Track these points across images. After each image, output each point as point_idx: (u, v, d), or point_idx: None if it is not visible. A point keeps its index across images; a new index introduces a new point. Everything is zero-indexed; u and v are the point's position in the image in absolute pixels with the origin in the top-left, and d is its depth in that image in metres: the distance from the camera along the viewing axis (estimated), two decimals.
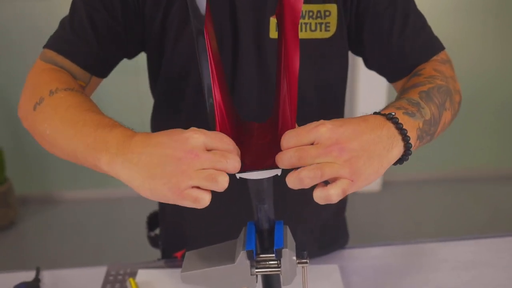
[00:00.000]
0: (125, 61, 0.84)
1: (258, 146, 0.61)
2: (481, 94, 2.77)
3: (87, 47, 0.74)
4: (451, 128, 2.83)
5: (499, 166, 2.98)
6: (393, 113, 0.57)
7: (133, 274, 0.88)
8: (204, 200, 0.51)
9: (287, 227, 0.64)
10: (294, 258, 0.61)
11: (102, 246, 2.39)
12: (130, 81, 2.44)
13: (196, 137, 0.52)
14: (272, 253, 0.61)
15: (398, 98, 0.67)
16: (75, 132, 0.59)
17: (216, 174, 0.50)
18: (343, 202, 0.99)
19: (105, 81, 0.80)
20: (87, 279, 0.88)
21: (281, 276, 0.61)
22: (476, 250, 0.93)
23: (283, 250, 0.59)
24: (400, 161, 0.57)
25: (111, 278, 0.88)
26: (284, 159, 0.53)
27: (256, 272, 0.61)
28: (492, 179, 2.93)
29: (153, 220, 1.08)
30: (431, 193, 2.83)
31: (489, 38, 2.64)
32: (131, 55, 0.82)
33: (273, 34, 0.75)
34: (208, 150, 0.52)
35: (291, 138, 0.54)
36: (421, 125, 0.60)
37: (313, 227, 0.93)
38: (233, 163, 0.52)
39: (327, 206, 0.94)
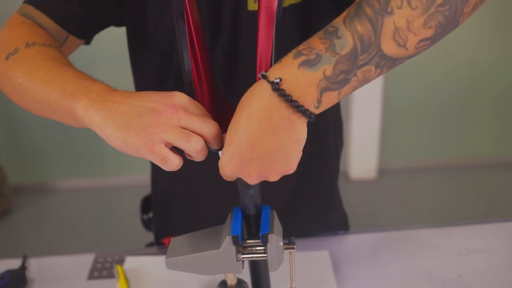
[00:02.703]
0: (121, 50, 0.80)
1: None
2: (479, 82, 2.76)
3: (66, 3, 0.70)
4: (448, 115, 2.79)
5: (496, 154, 2.98)
6: (278, 80, 0.47)
7: (121, 262, 0.87)
8: (172, 162, 0.50)
9: (274, 212, 0.63)
10: (281, 243, 0.60)
11: (96, 235, 2.38)
12: (124, 71, 2.41)
13: (181, 95, 0.52)
14: (259, 239, 0.60)
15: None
16: (53, 78, 0.56)
17: (191, 134, 0.50)
18: (329, 193, 0.98)
19: (99, 71, 0.78)
20: (75, 267, 0.87)
21: (267, 262, 0.60)
22: (470, 236, 0.92)
23: (269, 235, 0.58)
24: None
25: (98, 265, 0.87)
26: None
27: (242, 258, 0.60)
28: (489, 167, 2.92)
29: (147, 203, 1.08)
30: (427, 181, 2.83)
31: (486, 26, 2.62)
32: (117, 22, 0.78)
33: (252, 6, 0.71)
34: None
35: None
36: (328, 71, 0.47)
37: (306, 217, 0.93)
38: (211, 126, 0.51)
39: (319, 194, 0.95)
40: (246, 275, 0.67)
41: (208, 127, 0.51)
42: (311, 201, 0.93)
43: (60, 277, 0.85)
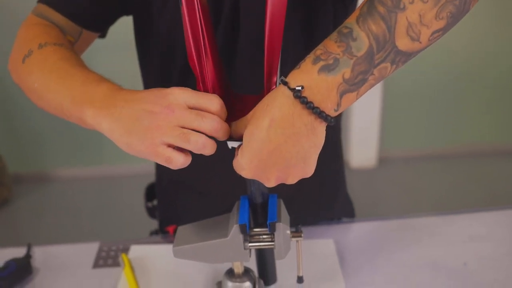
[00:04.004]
0: (121, 38, 0.80)
1: None
2: (478, 70, 2.75)
3: None
4: (447, 103, 2.78)
5: (496, 142, 2.98)
6: (300, 87, 0.48)
7: (126, 250, 0.87)
8: (177, 161, 0.51)
9: (281, 200, 0.63)
10: (288, 232, 0.60)
11: (97, 224, 2.39)
12: (127, 59, 2.40)
13: (176, 93, 0.52)
14: (266, 227, 0.60)
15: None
16: (62, 85, 0.59)
17: (189, 133, 0.50)
18: (335, 181, 0.98)
19: (101, 59, 0.78)
20: (79, 255, 0.87)
21: (274, 250, 0.60)
22: (472, 224, 0.92)
23: (277, 223, 0.58)
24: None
25: (103, 254, 0.87)
26: None
27: (250, 246, 0.60)
28: (488, 154, 2.93)
29: (151, 191, 1.08)
30: (427, 169, 2.83)
31: (483, 13, 2.61)
32: (127, 12, 0.79)
33: None
34: (191, 109, 0.52)
35: None
36: (347, 74, 0.48)
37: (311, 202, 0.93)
38: (211, 122, 0.51)
39: (323, 182, 0.95)
40: (252, 264, 0.67)
41: (207, 123, 0.51)
42: (317, 189, 0.92)
43: (65, 266, 0.85)
